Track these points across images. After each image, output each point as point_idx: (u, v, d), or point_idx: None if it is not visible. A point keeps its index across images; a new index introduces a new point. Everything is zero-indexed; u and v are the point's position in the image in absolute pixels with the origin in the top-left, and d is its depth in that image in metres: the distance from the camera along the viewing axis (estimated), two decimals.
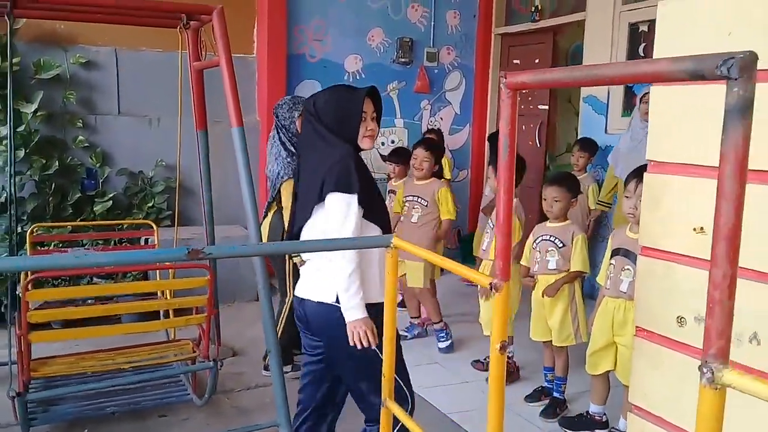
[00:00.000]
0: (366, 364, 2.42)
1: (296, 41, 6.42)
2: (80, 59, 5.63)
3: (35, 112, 5.38)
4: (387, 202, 5.56)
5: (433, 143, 4.81)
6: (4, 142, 5.27)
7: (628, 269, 3.14)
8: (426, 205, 4.62)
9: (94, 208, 5.60)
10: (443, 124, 7.26)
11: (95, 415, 3.43)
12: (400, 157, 5.35)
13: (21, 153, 5.31)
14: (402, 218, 4.73)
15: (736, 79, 0.80)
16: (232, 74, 3.43)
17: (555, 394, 3.69)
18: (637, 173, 3.07)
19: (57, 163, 5.47)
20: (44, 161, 5.41)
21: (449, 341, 4.57)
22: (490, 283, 1.30)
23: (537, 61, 6.83)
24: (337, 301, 2.40)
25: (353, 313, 2.35)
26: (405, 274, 4.63)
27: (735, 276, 0.86)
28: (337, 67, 6.64)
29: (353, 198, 2.35)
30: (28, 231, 4.43)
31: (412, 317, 4.86)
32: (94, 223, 5.19)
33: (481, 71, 7.28)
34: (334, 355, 2.53)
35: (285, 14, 6.28)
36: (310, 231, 2.51)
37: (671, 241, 2.26)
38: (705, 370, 0.90)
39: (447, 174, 6.00)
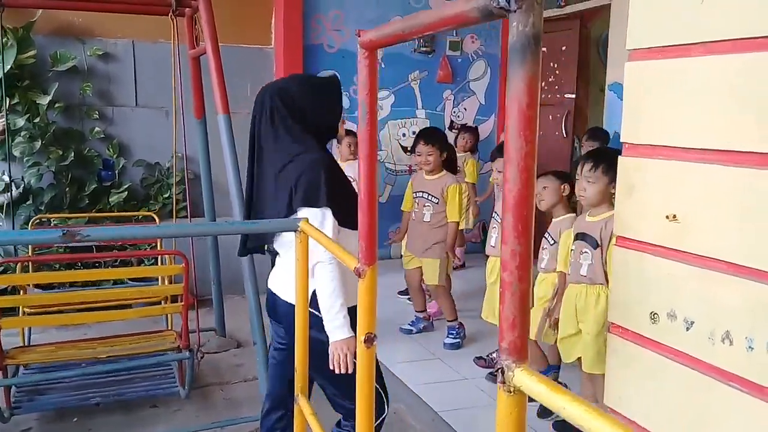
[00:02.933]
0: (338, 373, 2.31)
1: (314, 31, 6.34)
2: (97, 51, 5.68)
3: (53, 103, 5.46)
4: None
5: (434, 133, 4.60)
6: (23, 133, 5.37)
7: (586, 252, 3.06)
8: (437, 203, 4.43)
9: (110, 199, 5.65)
10: (467, 114, 7.08)
11: (80, 405, 3.42)
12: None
13: (38, 144, 5.39)
14: (414, 216, 4.57)
15: (514, 11, 0.66)
16: (218, 61, 3.38)
17: None
18: (588, 155, 3.10)
19: (74, 154, 5.54)
20: (61, 152, 5.48)
21: (458, 340, 4.39)
22: (355, 268, 1.17)
23: (564, 48, 6.59)
24: (312, 305, 2.28)
25: (338, 332, 2.23)
26: (416, 268, 4.49)
27: (527, 254, 0.71)
28: (355, 57, 6.49)
29: (324, 211, 2.23)
30: (31, 221, 4.50)
31: (417, 311, 4.72)
32: (100, 215, 5.24)
33: (507, 60, 7.04)
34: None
35: (302, 4, 6.21)
36: (287, 235, 2.38)
37: (644, 230, 2.08)
38: (498, 368, 0.76)
39: (471, 177, 5.83)
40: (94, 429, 3.47)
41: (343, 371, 2.24)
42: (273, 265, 2.66)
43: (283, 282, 2.40)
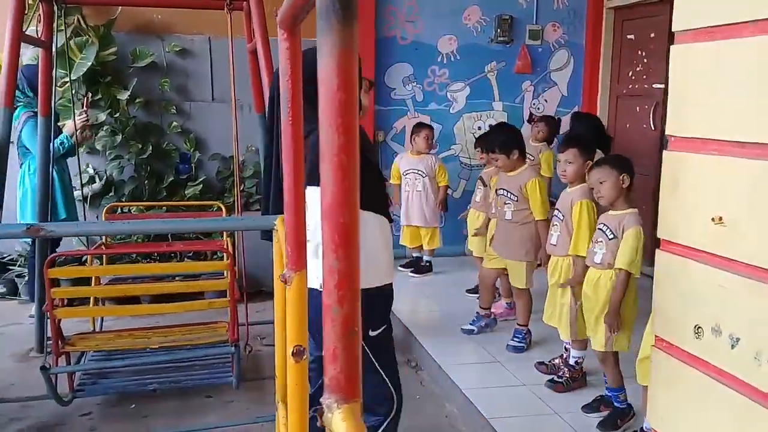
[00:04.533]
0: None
1: (387, 23, 6.25)
2: (175, 48, 5.84)
3: (133, 99, 5.66)
4: (475, 193, 5.26)
5: (488, 138, 4.39)
6: (105, 127, 5.61)
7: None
8: (516, 200, 4.20)
9: (186, 192, 5.81)
10: (547, 106, 6.79)
11: (138, 390, 3.51)
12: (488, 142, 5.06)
13: (119, 138, 5.62)
14: (497, 214, 4.38)
15: None
16: (266, 55, 3.36)
17: (615, 404, 3.27)
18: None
19: (153, 148, 5.73)
20: (141, 146, 5.68)
21: (523, 344, 4.18)
22: (281, 276, 1.07)
23: (652, 35, 6.16)
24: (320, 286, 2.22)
25: None
26: (494, 268, 4.33)
27: (350, 270, 0.58)
28: (429, 49, 6.40)
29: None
30: (103, 210, 4.66)
31: (482, 307, 4.53)
32: (175, 203, 5.39)
33: (592, 49, 6.70)
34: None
35: None
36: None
37: (688, 233, 1.87)
38: (314, 409, 0.64)
39: (547, 170, 5.57)
40: (150, 415, 3.55)
41: None
42: None
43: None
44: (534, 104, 6.76)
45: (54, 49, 3.84)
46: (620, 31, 6.62)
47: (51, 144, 4.14)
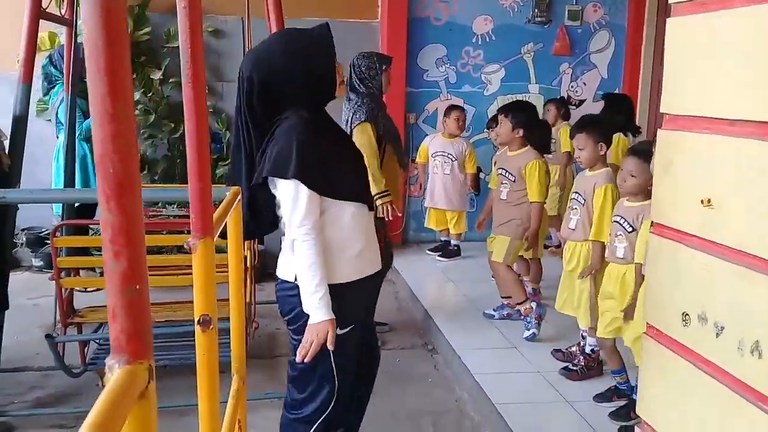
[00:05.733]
0: (312, 361, 2.14)
1: (420, 4, 6.16)
2: (208, 28, 5.89)
3: (167, 78, 5.75)
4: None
5: (513, 107, 4.31)
6: (139, 106, 5.71)
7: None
8: (514, 181, 4.17)
9: (217, 171, 5.88)
10: (586, 89, 6.60)
11: None
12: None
13: (152, 117, 5.72)
14: (495, 194, 4.35)
15: None
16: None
17: (634, 397, 3.17)
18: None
19: (185, 128, 5.80)
20: (173, 125, 5.77)
21: (532, 331, 4.05)
22: (185, 243, 1.05)
23: None
24: (295, 279, 2.16)
25: (313, 314, 2.07)
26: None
27: (129, 225, 0.55)
28: (464, 30, 6.29)
29: (296, 183, 2.04)
30: None
31: (502, 296, 4.47)
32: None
33: (634, 30, 6.47)
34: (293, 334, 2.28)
35: None
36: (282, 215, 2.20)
37: (679, 216, 1.78)
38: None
39: (566, 145, 5.42)
40: (162, 390, 3.59)
41: (299, 359, 2.10)
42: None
43: (280, 260, 2.28)
44: (572, 87, 6.58)
45: (76, 27, 3.90)
46: (663, 11, 6.37)
47: (67, 120, 4.23)
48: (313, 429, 2.29)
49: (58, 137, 5.04)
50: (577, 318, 3.57)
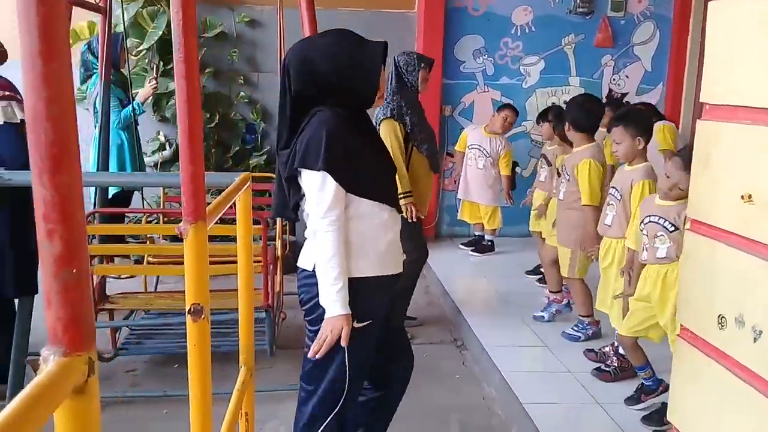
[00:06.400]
0: (325, 356, 2.10)
1: None
2: (245, 18, 5.89)
3: (203, 68, 5.77)
4: (539, 173, 5.04)
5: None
6: (174, 97, 5.74)
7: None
8: (569, 180, 3.87)
9: (251, 162, 5.89)
10: (629, 82, 6.41)
11: (175, 352, 3.58)
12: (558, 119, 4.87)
13: None
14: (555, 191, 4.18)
15: None
16: (311, 23, 3.30)
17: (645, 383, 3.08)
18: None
19: (221, 118, 5.84)
20: (209, 115, 5.79)
21: (579, 335, 3.91)
22: (177, 228, 0.99)
23: None
24: (313, 269, 2.12)
25: (330, 308, 2.03)
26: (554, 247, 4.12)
27: (65, 201, 0.50)
28: (502, 21, 6.16)
29: (324, 175, 2.01)
30: None
31: (551, 291, 4.34)
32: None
33: (680, 21, 6.26)
34: (310, 324, 2.23)
35: None
36: (306, 204, 2.18)
37: (718, 212, 1.67)
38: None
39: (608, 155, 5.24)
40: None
41: (311, 354, 2.05)
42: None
43: (302, 249, 2.25)
44: (614, 80, 6.40)
45: (109, 15, 3.92)
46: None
47: (102, 108, 4.25)
48: (323, 427, 2.23)
49: (96, 126, 5.09)
50: (610, 317, 3.46)
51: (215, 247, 3.62)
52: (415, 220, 3.77)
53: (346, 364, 2.14)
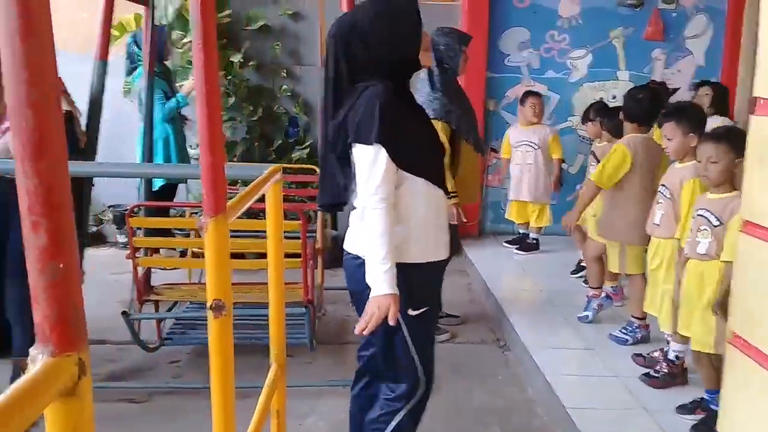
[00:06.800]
0: (383, 334, 2.11)
1: None
2: (287, 11, 5.89)
3: (246, 61, 5.79)
4: (588, 169, 4.92)
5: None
6: (220, 89, 5.77)
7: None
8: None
9: (293, 155, 5.89)
10: (680, 77, 6.20)
11: None
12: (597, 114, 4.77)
13: (232, 100, 5.77)
14: None
15: None
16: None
17: (712, 406, 2.92)
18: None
19: (264, 111, 5.85)
20: (252, 108, 5.81)
21: (627, 338, 3.78)
22: (197, 222, 0.95)
23: None
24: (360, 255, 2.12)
25: (375, 287, 2.00)
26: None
27: (52, 189, 0.45)
28: (549, 13, 6.02)
29: (377, 149, 1.99)
30: None
31: (591, 286, 4.21)
32: (285, 165, 5.47)
33: (734, 14, 6.02)
34: (358, 312, 2.25)
35: None
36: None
37: None
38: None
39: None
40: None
41: (357, 331, 2.01)
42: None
43: (350, 233, 2.22)
44: (665, 74, 6.19)
45: (153, 7, 3.94)
46: None
47: (146, 100, 4.29)
48: (398, 420, 2.23)
49: (140, 119, 5.15)
50: (658, 320, 3.33)
51: (260, 242, 3.63)
52: (459, 222, 3.69)
53: (413, 351, 2.15)
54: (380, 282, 1.98)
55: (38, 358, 0.49)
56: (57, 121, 0.48)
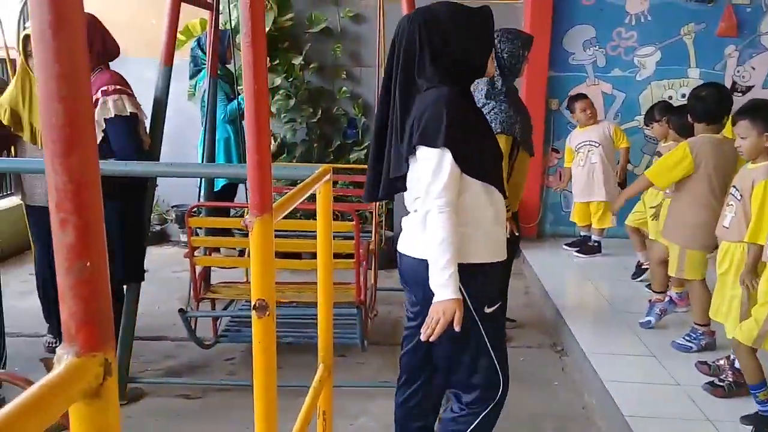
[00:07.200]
0: (461, 335, 2.08)
1: None
2: (349, 13, 5.92)
3: (307, 64, 5.85)
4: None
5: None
6: (281, 91, 5.86)
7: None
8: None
9: (351, 156, 5.92)
10: (755, 74, 5.92)
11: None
12: (663, 113, 4.62)
13: (293, 102, 5.84)
14: None
15: None
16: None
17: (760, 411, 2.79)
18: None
19: (323, 112, 5.90)
20: (312, 110, 5.87)
21: (690, 345, 3.64)
22: (242, 221, 0.95)
23: None
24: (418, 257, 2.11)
25: (440, 292, 1.98)
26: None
27: (82, 185, 0.44)
28: (616, 9, 5.84)
29: (443, 152, 1.97)
30: None
31: (654, 291, 4.05)
32: (341, 166, 5.51)
33: None
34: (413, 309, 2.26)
35: None
36: (410, 183, 2.20)
37: None
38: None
39: None
40: (284, 367, 3.60)
41: (424, 338, 1.99)
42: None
43: (410, 237, 2.20)
44: (738, 72, 5.93)
45: (217, 11, 4.02)
46: None
47: (208, 102, 4.38)
48: (476, 422, 2.27)
49: (202, 121, 5.28)
50: (725, 327, 3.18)
51: (313, 242, 3.66)
52: (511, 235, 3.62)
53: (491, 355, 2.17)
54: (444, 287, 1.97)
55: (63, 358, 0.49)
56: (88, 117, 0.47)
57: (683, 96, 5.81)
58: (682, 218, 3.64)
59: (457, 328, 1.97)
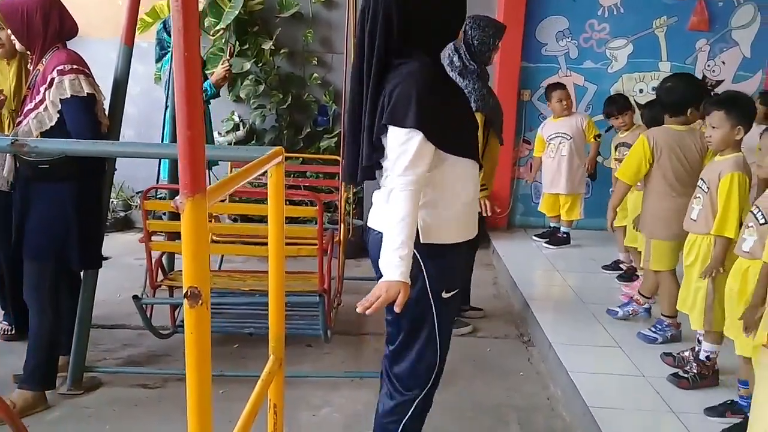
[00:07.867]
0: (415, 316, 2.04)
1: None
2: None
3: (278, 49, 5.74)
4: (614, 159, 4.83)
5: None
6: (250, 77, 5.75)
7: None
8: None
9: (321, 144, 5.84)
10: (725, 69, 5.97)
11: (235, 332, 3.56)
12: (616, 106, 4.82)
13: (262, 87, 5.74)
14: None
15: None
16: None
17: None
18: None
19: (294, 99, 5.81)
20: (282, 96, 5.77)
21: (656, 336, 3.64)
22: (172, 201, 0.88)
23: None
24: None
25: (388, 271, 1.89)
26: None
27: None
28: (589, 1, 5.84)
29: (410, 132, 1.88)
30: None
31: (641, 293, 4.00)
32: (313, 156, 5.43)
33: None
34: None
35: None
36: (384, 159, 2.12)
37: None
38: None
39: None
40: (248, 357, 3.59)
41: (360, 309, 1.89)
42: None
43: (373, 209, 2.14)
44: (709, 66, 5.97)
45: None
46: None
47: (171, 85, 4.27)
48: (412, 409, 2.17)
49: (165, 105, 5.14)
50: (690, 319, 3.19)
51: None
52: (490, 214, 3.62)
53: (437, 340, 2.09)
54: (394, 267, 1.87)
55: None
56: None
57: (653, 90, 5.83)
58: (646, 209, 3.67)
59: (397, 310, 1.88)
